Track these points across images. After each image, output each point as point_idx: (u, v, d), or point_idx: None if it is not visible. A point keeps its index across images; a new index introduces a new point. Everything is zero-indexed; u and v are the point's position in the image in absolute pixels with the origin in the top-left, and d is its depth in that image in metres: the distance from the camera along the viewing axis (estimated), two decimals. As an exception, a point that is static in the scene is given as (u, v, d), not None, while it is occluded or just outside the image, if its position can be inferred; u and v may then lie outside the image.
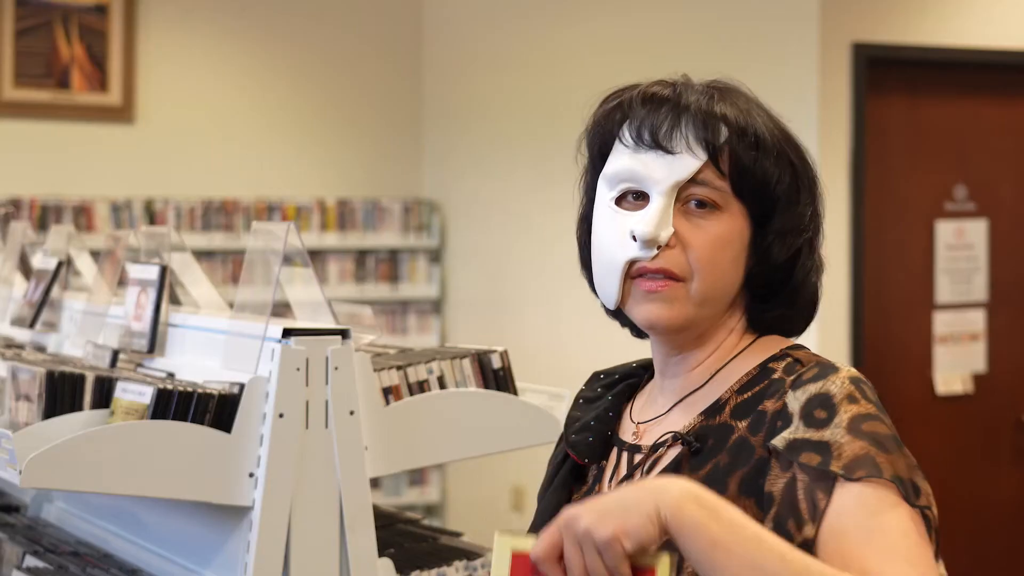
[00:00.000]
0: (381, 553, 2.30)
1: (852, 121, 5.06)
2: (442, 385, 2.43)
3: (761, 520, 1.45)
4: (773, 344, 1.61)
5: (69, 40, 6.55)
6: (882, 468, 1.43)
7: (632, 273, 1.58)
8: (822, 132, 5.02)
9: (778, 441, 1.47)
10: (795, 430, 1.47)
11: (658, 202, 1.56)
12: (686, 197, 1.57)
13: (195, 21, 6.86)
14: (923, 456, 5.78)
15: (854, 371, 1.52)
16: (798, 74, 5.07)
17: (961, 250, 5.36)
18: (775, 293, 1.61)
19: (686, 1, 5.68)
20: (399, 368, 2.39)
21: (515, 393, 2.51)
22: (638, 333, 1.69)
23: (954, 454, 5.34)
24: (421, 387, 2.41)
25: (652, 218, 1.55)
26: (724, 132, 1.57)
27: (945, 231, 5.33)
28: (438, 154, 7.19)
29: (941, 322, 5.33)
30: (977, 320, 5.39)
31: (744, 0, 5.40)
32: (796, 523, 1.44)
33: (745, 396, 1.56)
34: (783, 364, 1.56)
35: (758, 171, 1.57)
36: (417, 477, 6.89)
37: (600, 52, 6.08)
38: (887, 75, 5.18)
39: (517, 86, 6.61)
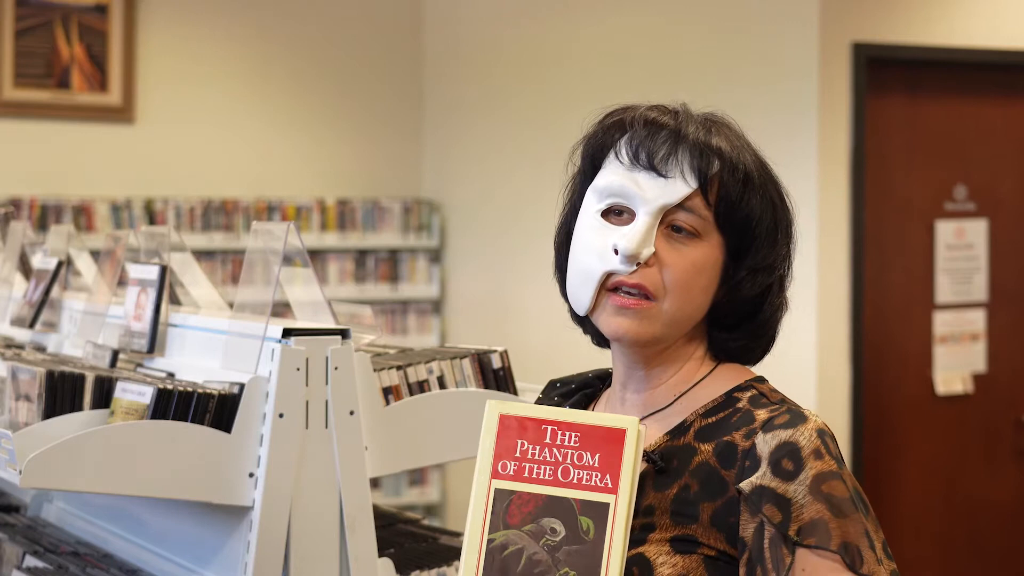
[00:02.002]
0: (381, 553, 2.30)
1: (852, 121, 5.06)
2: (442, 385, 2.44)
3: (728, 554, 1.56)
4: (736, 373, 1.68)
5: (69, 40, 6.55)
6: (832, 536, 1.52)
7: (608, 285, 1.64)
8: (822, 132, 5.02)
9: (745, 485, 1.55)
10: (762, 475, 1.55)
11: (643, 221, 1.62)
12: (670, 221, 1.63)
13: (195, 21, 6.86)
14: (923, 456, 5.77)
15: (820, 421, 1.59)
16: (798, 74, 5.07)
17: (961, 250, 5.36)
18: (739, 325, 1.68)
19: (687, 2, 5.68)
20: (399, 368, 2.39)
21: (515, 393, 2.52)
22: (599, 342, 1.76)
23: (954, 454, 5.34)
24: (421, 387, 2.41)
25: (636, 235, 1.61)
26: (716, 165, 1.63)
27: (945, 231, 5.33)
28: (438, 154, 7.19)
29: (941, 322, 5.33)
30: (977, 320, 5.39)
31: (744, 0, 5.40)
32: (763, 572, 1.53)
33: (710, 420, 1.62)
34: (748, 395, 1.64)
35: (743, 207, 1.64)
36: (417, 477, 6.89)
37: (600, 52, 6.07)
38: (887, 75, 5.17)
39: (517, 86, 6.61)
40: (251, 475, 2.20)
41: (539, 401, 1.84)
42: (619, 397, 1.71)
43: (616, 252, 1.61)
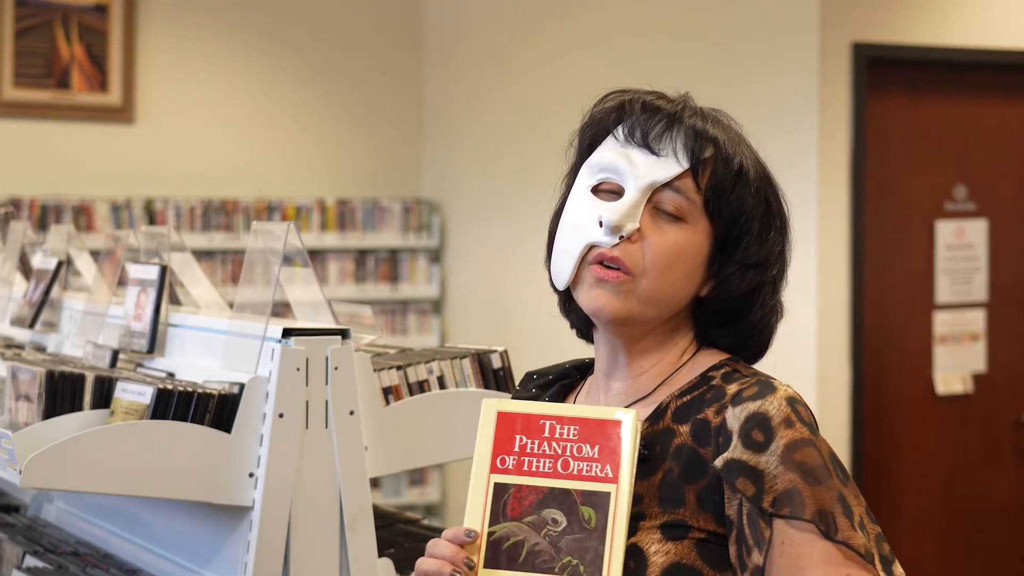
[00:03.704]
0: (381, 553, 2.30)
1: (852, 121, 5.06)
2: (442, 385, 2.44)
3: (718, 534, 1.55)
4: (714, 356, 1.67)
5: (69, 40, 6.55)
6: (806, 504, 1.51)
7: (589, 259, 1.64)
8: (822, 132, 5.02)
9: (719, 461, 1.55)
10: (734, 449, 1.54)
11: (632, 196, 1.62)
12: (658, 200, 1.63)
13: (195, 21, 6.86)
14: (923, 456, 5.75)
15: (791, 390, 1.58)
16: (798, 74, 5.07)
17: (961, 250, 5.36)
18: (729, 324, 1.67)
19: (687, 2, 5.68)
20: (399, 368, 2.39)
21: (515, 393, 2.51)
22: (582, 335, 1.76)
23: (954, 454, 5.34)
24: (421, 387, 2.41)
25: (621, 208, 1.62)
26: (710, 150, 1.64)
27: (945, 231, 5.33)
28: (438, 154, 7.19)
29: (941, 322, 5.33)
30: (977, 320, 5.39)
31: (744, 1, 5.40)
32: (746, 549, 1.53)
33: (684, 400, 1.62)
34: (721, 372, 1.64)
35: (734, 198, 1.64)
36: (417, 477, 6.90)
37: (600, 53, 6.08)
38: (887, 75, 5.17)
39: (517, 86, 6.61)
40: (251, 475, 2.20)
41: (516, 394, 1.83)
42: (602, 386, 1.71)
43: (601, 224, 1.62)
